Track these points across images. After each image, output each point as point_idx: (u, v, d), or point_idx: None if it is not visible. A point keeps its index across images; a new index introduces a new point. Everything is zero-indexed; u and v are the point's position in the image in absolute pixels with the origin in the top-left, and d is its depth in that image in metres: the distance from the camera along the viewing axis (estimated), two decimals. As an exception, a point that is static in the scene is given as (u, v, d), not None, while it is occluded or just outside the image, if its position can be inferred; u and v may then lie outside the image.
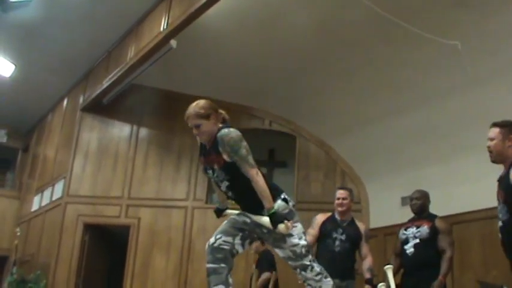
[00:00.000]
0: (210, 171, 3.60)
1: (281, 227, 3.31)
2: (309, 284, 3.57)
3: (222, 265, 3.44)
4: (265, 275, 7.44)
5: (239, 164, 3.43)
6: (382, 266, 5.31)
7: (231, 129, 3.51)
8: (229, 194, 3.62)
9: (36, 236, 11.55)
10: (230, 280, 3.47)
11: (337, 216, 5.61)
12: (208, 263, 3.47)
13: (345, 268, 5.36)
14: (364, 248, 5.52)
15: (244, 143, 3.47)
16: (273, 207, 3.34)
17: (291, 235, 3.44)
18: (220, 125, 3.60)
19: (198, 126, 3.57)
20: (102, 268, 10.78)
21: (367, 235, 5.63)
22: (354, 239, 5.49)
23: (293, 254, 3.46)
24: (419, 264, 5.33)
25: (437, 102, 7.66)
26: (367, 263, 5.42)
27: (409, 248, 5.44)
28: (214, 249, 3.47)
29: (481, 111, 7.26)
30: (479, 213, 7.31)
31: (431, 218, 5.54)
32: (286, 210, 3.47)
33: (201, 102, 3.64)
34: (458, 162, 7.72)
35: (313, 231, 5.54)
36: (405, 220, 5.80)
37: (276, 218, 3.32)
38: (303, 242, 3.49)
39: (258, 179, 3.39)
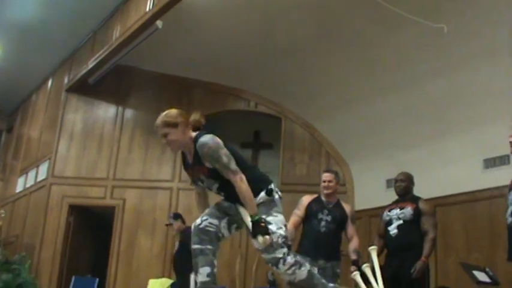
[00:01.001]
0: (200, 182, 3.59)
1: (259, 239, 3.24)
2: (285, 279, 3.54)
3: (209, 246, 3.43)
4: None
5: (221, 171, 3.39)
6: (367, 247, 5.35)
7: (207, 137, 3.42)
8: (222, 194, 3.59)
9: (20, 217, 11.51)
10: (215, 262, 3.47)
11: (323, 198, 5.65)
12: (194, 244, 3.45)
13: (330, 249, 5.41)
14: (350, 229, 5.55)
15: (224, 150, 3.38)
16: (256, 214, 3.31)
17: (269, 223, 3.37)
18: (194, 133, 3.54)
19: (165, 135, 3.56)
20: (87, 249, 10.79)
21: (353, 216, 5.67)
22: (340, 220, 5.53)
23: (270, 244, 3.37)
24: (402, 245, 5.38)
25: (422, 84, 7.69)
26: (353, 244, 5.46)
27: (393, 229, 5.49)
28: (200, 231, 3.45)
29: (465, 94, 7.32)
30: (461, 196, 7.39)
31: (415, 199, 5.59)
32: (265, 199, 3.46)
33: (171, 111, 3.62)
34: (442, 145, 7.77)
35: (299, 212, 5.59)
36: (390, 202, 5.85)
37: (257, 229, 3.26)
38: (280, 232, 3.41)
39: (241, 184, 3.35)
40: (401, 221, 5.46)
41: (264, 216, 3.37)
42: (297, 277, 3.45)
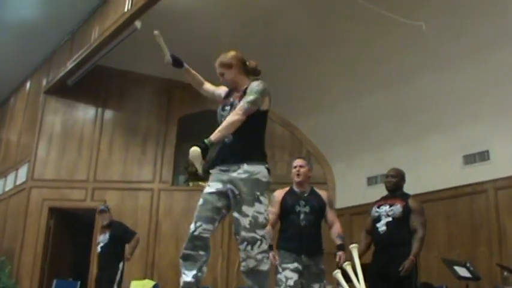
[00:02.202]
0: (228, 107, 3.71)
1: (192, 148, 3.34)
2: (245, 266, 3.46)
3: (201, 252, 3.42)
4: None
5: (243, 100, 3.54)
6: (348, 245, 5.31)
7: (262, 82, 3.65)
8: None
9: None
10: (204, 269, 3.45)
11: (295, 188, 5.37)
12: (186, 249, 3.42)
13: (312, 243, 5.16)
14: (330, 215, 5.30)
15: (262, 96, 3.58)
16: (210, 141, 3.39)
17: (260, 202, 3.42)
18: (251, 78, 3.75)
19: (222, 75, 3.82)
20: (69, 252, 10.69)
21: (330, 201, 5.43)
22: (319, 209, 5.25)
23: (254, 221, 3.39)
24: (390, 242, 5.32)
25: (403, 82, 7.73)
26: (335, 229, 5.21)
27: (381, 226, 5.41)
28: (194, 237, 3.43)
29: (445, 92, 7.38)
30: (443, 193, 7.44)
31: (405, 197, 5.52)
32: (265, 179, 3.49)
33: (228, 53, 3.84)
34: (424, 142, 7.82)
35: (274, 209, 5.24)
36: (371, 200, 5.82)
37: (200, 144, 3.36)
38: (265, 215, 3.46)
39: (237, 118, 3.47)
40: (390, 218, 5.39)
41: (257, 193, 3.43)
42: (261, 266, 3.44)
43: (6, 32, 10.33)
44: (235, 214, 3.44)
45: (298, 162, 5.43)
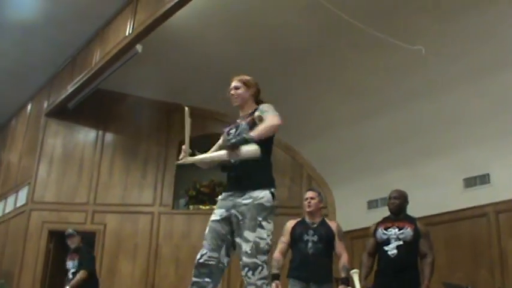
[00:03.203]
0: (233, 131, 3.75)
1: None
2: None
3: (206, 279, 3.44)
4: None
5: (264, 116, 3.65)
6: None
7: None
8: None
9: (-1, 243, 11.36)
10: None
11: (307, 219, 5.53)
12: (193, 276, 3.47)
13: (321, 271, 5.25)
14: (339, 246, 5.40)
15: (275, 112, 3.73)
16: (252, 137, 3.41)
17: (262, 227, 3.41)
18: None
19: (237, 88, 3.88)
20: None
21: (340, 233, 5.49)
22: (327, 239, 5.36)
23: (255, 247, 3.37)
24: (402, 266, 5.23)
25: (403, 106, 7.74)
26: (342, 261, 5.31)
27: (392, 250, 5.30)
28: (200, 265, 3.46)
29: (446, 115, 7.39)
30: (444, 216, 7.42)
31: (412, 220, 5.46)
32: (269, 204, 3.48)
33: (250, 77, 3.99)
34: (424, 166, 7.82)
35: (284, 238, 5.47)
36: (372, 223, 5.75)
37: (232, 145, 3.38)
38: (268, 240, 3.44)
39: (277, 123, 3.66)
40: (401, 242, 5.29)
41: (260, 219, 3.42)
42: None
43: (7, 56, 10.40)
44: (237, 239, 3.45)
45: (309, 194, 5.62)
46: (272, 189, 3.56)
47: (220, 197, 3.68)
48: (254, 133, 3.44)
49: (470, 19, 6.45)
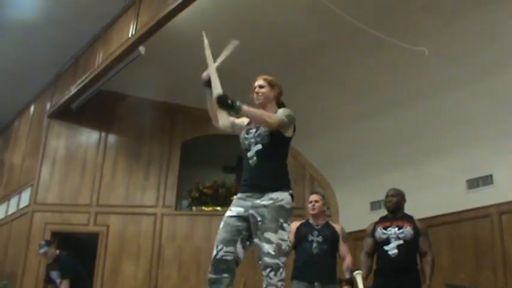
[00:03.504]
0: (253, 130, 3.79)
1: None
2: None
3: (224, 275, 3.46)
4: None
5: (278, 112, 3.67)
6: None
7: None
8: (254, 158, 3.69)
9: (2, 245, 11.35)
10: None
11: (311, 220, 5.62)
12: (210, 273, 3.48)
13: (325, 271, 5.33)
14: (343, 248, 5.51)
15: (292, 121, 3.74)
16: (240, 105, 3.54)
17: (283, 229, 3.45)
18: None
19: (261, 87, 3.96)
20: (71, 276, 10.64)
21: (344, 235, 5.59)
22: (331, 240, 5.46)
23: (277, 248, 3.41)
24: (403, 266, 5.24)
25: (405, 107, 7.73)
26: (346, 263, 5.40)
27: (392, 249, 5.31)
28: (217, 261, 3.46)
29: (448, 116, 7.38)
30: (447, 217, 7.40)
31: (410, 219, 5.47)
32: (289, 206, 3.53)
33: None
34: (427, 167, 7.80)
35: (289, 238, 5.50)
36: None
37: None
38: (288, 242, 3.53)
39: (269, 120, 3.58)
40: (401, 241, 5.30)
41: (282, 221, 3.46)
42: None
43: (10, 57, 10.42)
44: (257, 240, 3.46)
45: (313, 197, 5.71)
46: (291, 191, 3.60)
47: (237, 196, 3.70)
48: (247, 107, 3.54)
49: (473, 20, 6.44)
